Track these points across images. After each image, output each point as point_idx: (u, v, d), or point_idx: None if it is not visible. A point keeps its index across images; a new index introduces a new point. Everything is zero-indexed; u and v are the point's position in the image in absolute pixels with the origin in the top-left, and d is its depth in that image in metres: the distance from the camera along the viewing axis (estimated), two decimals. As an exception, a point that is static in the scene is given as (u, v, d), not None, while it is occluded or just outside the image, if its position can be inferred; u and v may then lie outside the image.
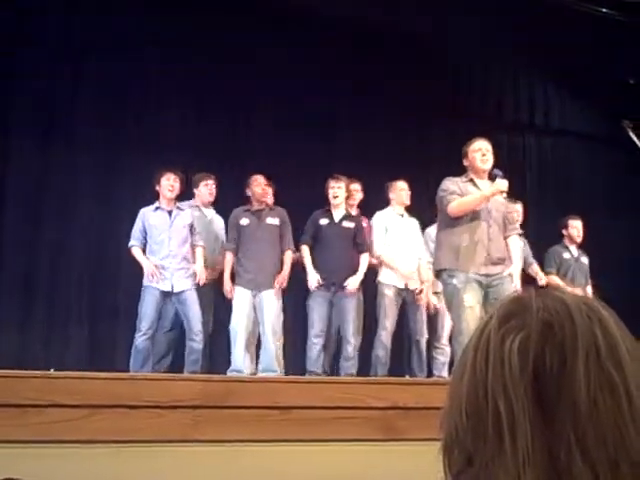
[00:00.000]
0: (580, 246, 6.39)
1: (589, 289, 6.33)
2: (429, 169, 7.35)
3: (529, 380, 0.74)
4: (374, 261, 5.87)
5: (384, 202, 6.11)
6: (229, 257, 5.66)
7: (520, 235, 4.97)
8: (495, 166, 4.63)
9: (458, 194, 4.46)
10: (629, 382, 0.74)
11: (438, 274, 4.62)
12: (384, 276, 5.85)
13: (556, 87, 8.59)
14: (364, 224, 6.06)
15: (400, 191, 6.00)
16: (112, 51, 6.60)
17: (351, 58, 7.18)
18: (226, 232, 5.86)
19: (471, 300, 4.30)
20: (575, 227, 6.33)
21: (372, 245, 5.88)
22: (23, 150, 6.42)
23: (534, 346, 0.76)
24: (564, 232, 6.37)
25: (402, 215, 6.01)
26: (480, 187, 4.54)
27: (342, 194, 5.78)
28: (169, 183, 5.58)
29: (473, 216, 4.44)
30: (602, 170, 8.28)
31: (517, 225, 4.83)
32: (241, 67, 6.89)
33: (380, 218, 5.96)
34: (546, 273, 6.25)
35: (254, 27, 6.91)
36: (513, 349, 0.76)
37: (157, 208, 5.62)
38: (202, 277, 5.52)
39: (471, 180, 4.57)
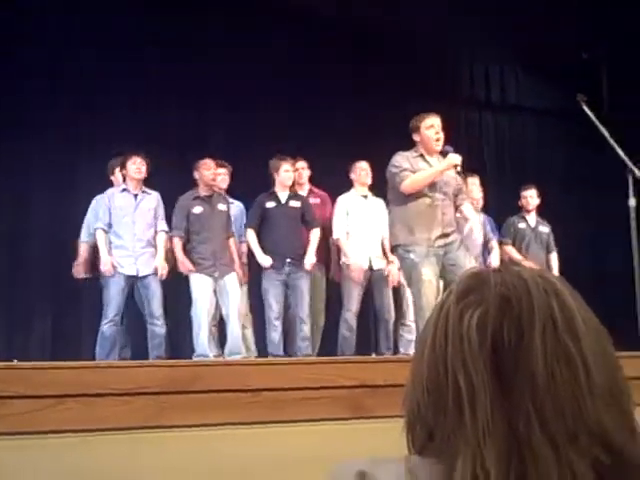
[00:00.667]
0: (540, 215, 6.48)
1: (554, 256, 6.43)
2: (384, 146, 7.39)
3: (488, 354, 0.76)
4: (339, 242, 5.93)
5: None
6: (178, 242, 5.60)
7: (472, 205, 4.99)
8: (450, 143, 4.65)
9: (410, 170, 4.46)
10: (586, 353, 0.76)
11: (394, 249, 4.64)
12: (344, 256, 5.88)
13: (511, 63, 8.67)
14: (316, 200, 6.10)
15: (361, 171, 6.01)
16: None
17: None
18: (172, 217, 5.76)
19: (429, 273, 4.33)
20: (527, 196, 6.42)
21: (332, 228, 5.92)
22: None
23: (492, 321, 0.77)
24: (519, 203, 6.47)
25: (366, 196, 6.02)
26: (431, 163, 4.55)
27: (289, 176, 5.85)
28: (135, 166, 5.55)
29: (425, 192, 4.45)
30: (558, 144, 8.42)
31: (465, 196, 4.81)
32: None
33: (341, 202, 5.98)
34: (502, 244, 6.36)
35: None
36: (472, 324, 0.77)
37: (124, 190, 5.58)
38: (163, 272, 5.49)
39: (421, 155, 4.56)
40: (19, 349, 6.00)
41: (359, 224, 5.90)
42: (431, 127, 4.56)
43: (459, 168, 4.52)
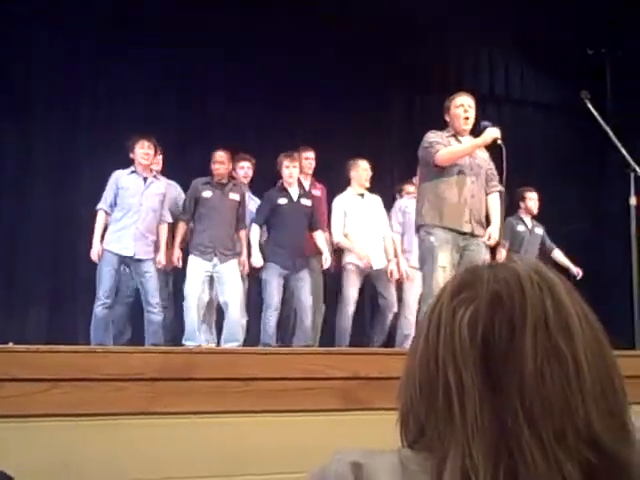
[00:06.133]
0: (534, 217, 6.43)
1: (558, 252, 6.39)
2: (388, 140, 7.38)
3: (478, 351, 0.75)
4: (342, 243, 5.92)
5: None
6: (182, 227, 5.65)
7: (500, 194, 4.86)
8: None
9: (444, 145, 4.35)
10: (578, 352, 0.75)
11: (418, 229, 4.51)
12: (347, 255, 5.87)
13: (516, 57, 8.64)
14: (319, 193, 6.08)
15: (362, 171, 5.96)
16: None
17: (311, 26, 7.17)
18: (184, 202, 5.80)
19: (444, 260, 4.24)
20: (533, 199, 6.34)
21: (330, 230, 5.91)
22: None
23: (483, 318, 0.77)
24: (521, 204, 6.37)
25: (362, 195, 5.98)
26: (463, 142, 4.45)
27: (296, 173, 5.80)
28: (143, 151, 5.52)
29: (458, 171, 4.33)
30: (560, 140, 8.38)
31: (497, 182, 4.64)
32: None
33: (339, 202, 5.93)
34: (499, 245, 6.29)
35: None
36: (463, 321, 0.77)
37: (132, 172, 5.55)
38: (163, 262, 5.52)
39: (454, 135, 4.46)
40: (16, 332, 6.00)
41: (358, 223, 5.86)
42: (460, 106, 4.47)
43: (499, 142, 4.37)
